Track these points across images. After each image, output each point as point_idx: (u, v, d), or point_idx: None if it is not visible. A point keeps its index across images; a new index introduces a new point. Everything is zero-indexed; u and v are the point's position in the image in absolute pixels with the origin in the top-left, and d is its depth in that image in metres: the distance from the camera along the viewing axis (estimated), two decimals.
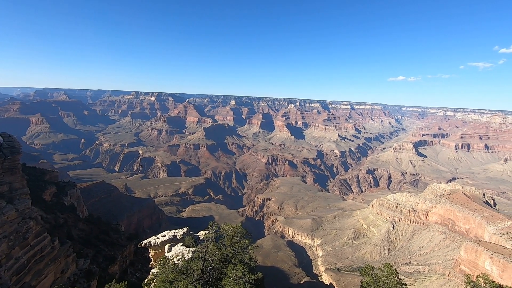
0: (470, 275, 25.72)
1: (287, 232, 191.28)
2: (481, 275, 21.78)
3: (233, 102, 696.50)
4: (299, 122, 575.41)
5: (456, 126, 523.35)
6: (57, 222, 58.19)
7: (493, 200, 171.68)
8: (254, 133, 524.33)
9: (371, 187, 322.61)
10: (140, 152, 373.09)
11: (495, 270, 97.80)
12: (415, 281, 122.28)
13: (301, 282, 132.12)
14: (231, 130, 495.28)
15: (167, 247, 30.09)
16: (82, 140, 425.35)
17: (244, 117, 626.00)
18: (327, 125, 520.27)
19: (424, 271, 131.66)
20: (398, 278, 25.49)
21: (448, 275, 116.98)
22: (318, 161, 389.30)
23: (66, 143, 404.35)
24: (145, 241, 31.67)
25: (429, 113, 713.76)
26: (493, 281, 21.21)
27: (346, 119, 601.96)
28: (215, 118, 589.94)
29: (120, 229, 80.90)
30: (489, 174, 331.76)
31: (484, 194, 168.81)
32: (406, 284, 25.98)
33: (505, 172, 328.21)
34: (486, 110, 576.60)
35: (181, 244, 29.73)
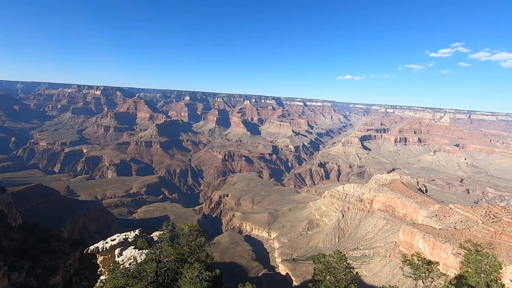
0: (406, 254, 28.94)
1: (245, 227, 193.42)
2: (415, 254, 24.57)
3: (187, 98, 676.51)
4: (255, 118, 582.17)
5: (395, 122, 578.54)
6: None
7: (425, 187, 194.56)
8: (210, 130, 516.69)
9: (323, 179, 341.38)
10: (85, 151, 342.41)
11: (426, 249, 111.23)
12: (362, 264, 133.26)
13: (259, 275, 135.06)
14: (186, 127, 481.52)
15: (117, 251, 28.34)
16: (13, 138, 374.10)
17: (199, 113, 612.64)
18: (282, 121, 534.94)
19: (369, 254, 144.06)
20: (347, 263, 27.59)
21: (389, 256, 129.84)
22: (274, 156, 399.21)
23: None
24: (91, 247, 29.43)
25: (373, 109, 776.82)
26: (424, 258, 24.09)
27: (299, 115, 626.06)
28: (169, 114, 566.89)
29: (62, 235, 73.70)
30: (421, 164, 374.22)
31: (418, 182, 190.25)
32: (353, 268, 28.22)
33: (434, 162, 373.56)
34: (419, 107, 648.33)
35: (133, 247, 28.24)
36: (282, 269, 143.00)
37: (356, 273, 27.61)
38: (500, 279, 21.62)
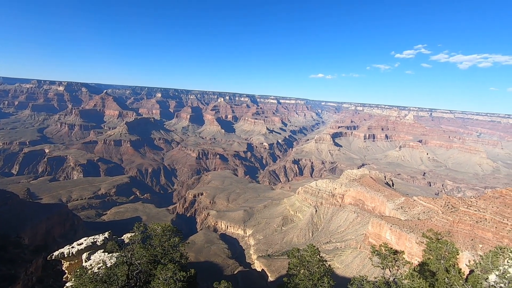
0: (375, 245, 30.53)
1: (220, 225, 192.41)
2: (382, 244, 25.91)
3: (159, 95, 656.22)
4: (229, 116, 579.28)
5: (364, 119, 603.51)
6: None
7: (392, 181, 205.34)
8: (183, 127, 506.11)
9: (296, 176, 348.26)
10: (47, 150, 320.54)
11: (393, 239, 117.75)
12: (334, 256, 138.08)
13: (235, 272, 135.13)
14: (158, 124, 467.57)
15: (84, 255, 26.96)
16: None
17: (171, 110, 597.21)
18: (256, 119, 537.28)
19: (341, 247, 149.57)
20: (319, 256, 28.46)
21: (359, 248, 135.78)
22: (249, 154, 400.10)
23: None
24: (56, 252, 27.71)
25: (344, 107, 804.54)
26: (391, 248, 25.48)
27: (273, 113, 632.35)
28: (139, 111, 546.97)
29: (22, 242, 68.74)
30: (388, 160, 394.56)
31: (385, 177, 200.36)
32: (326, 260, 29.18)
33: (400, 157, 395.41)
34: (386, 105, 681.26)
35: (102, 250, 27.01)
36: (258, 266, 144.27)
37: (329, 265, 28.60)
38: (457, 264, 23.47)
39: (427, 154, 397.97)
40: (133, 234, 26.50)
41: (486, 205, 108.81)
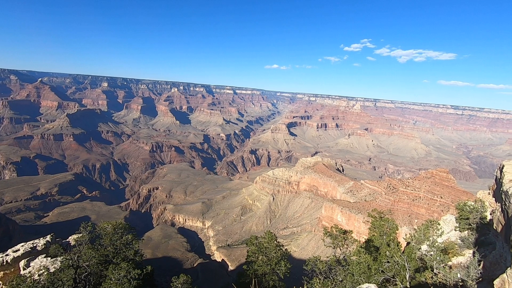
0: (327, 227, 32.69)
1: (177, 219, 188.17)
2: (334, 226, 27.82)
3: (105, 84, 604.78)
4: (184, 107, 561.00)
5: (317, 109, 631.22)
6: None
7: (342, 167, 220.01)
8: (134, 119, 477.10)
9: (254, 166, 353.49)
10: None
11: (344, 220, 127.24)
12: (291, 241, 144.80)
13: (194, 265, 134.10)
14: (105, 116, 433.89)
15: (22, 263, 24.31)
16: None
17: (120, 101, 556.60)
18: (212, 109, 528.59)
19: (297, 231, 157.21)
20: (277, 241, 29.56)
21: (314, 231, 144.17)
22: (205, 145, 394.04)
23: None
24: None
25: (298, 98, 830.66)
26: (341, 229, 27.49)
27: (230, 104, 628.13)
28: (83, 102, 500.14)
29: None
30: (339, 147, 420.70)
31: (336, 163, 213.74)
32: (283, 245, 30.47)
33: (349, 145, 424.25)
34: (336, 96, 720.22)
35: (43, 255, 24.59)
36: (218, 256, 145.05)
37: (285, 250, 29.90)
38: (397, 239, 26.32)
39: (372, 141, 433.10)
40: (79, 235, 24.53)
41: (420, 184, 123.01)
